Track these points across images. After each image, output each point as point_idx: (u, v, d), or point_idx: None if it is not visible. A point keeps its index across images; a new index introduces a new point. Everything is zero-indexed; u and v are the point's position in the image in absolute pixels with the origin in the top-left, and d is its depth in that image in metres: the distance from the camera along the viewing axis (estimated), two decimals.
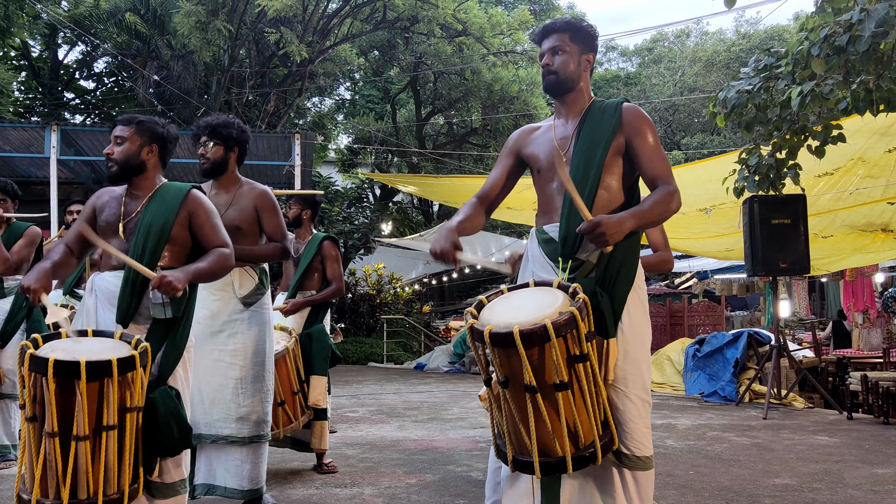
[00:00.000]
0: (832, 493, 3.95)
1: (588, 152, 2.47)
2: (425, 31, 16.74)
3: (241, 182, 3.63)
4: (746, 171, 6.92)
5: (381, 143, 20.37)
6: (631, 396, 2.37)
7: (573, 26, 2.57)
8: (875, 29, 4.80)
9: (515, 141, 2.69)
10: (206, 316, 3.41)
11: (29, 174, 13.39)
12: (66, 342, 2.43)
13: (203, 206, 2.84)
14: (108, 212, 2.83)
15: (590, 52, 2.59)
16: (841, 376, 8.29)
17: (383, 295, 18.77)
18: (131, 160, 2.79)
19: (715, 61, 24.17)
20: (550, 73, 2.55)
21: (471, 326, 2.18)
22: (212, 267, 2.73)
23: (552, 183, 2.55)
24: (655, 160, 2.46)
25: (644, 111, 2.55)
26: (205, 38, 14.47)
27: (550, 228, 2.52)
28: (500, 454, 2.31)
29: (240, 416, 3.42)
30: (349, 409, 7.82)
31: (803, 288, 15.00)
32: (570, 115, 2.59)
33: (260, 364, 3.51)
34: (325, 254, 4.64)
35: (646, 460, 2.36)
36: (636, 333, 2.44)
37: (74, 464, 2.27)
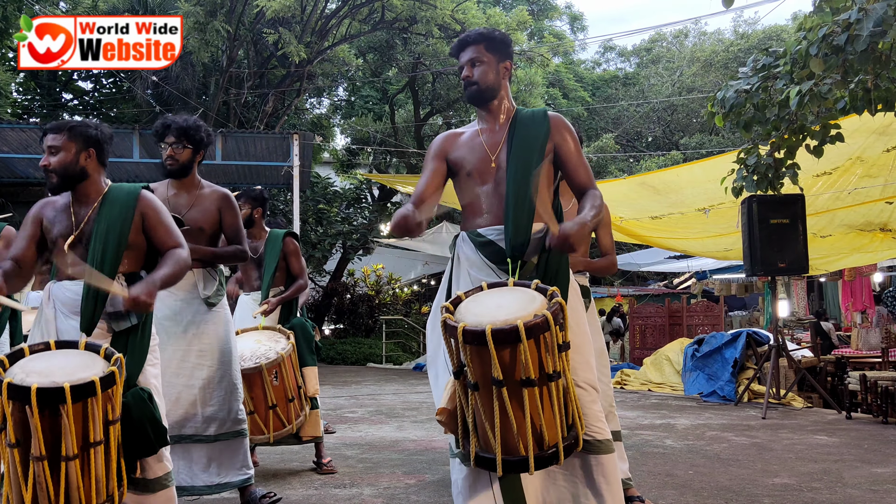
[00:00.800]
0: (831, 492, 3.95)
1: (525, 158, 2.56)
2: (423, 32, 16.73)
3: (202, 183, 3.64)
4: (745, 170, 6.92)
5: (380, 144, 20.37)
6: (581, 384, 2.45)
7: (487, 37, 2.67)
8: (873, 28, 4.80)
9: (441, 146, 2.73)
10: (167, 316, 3.41)
11: (27, 175, 13.40)
12: (35, 361, 2.37)
13: (154, 206, 2.82)
14: (60, 225, 2.75)
15: (506, 59, 2.70)
16: (840, 376, 8.31)
17: (382, 296, 18.78)
18: (70, 169, 2.73)
19: (713, 61, 24.18)
20: (471, 83, 2.65)
21: (444, 321, 2.21)
22: (175, 271, 2.71)
23: (483, 186, 2.61)
24: (583, 168, 2.63)
25: (567, 120, 2.69)
26: (203, 39, 14.46)
27: (489, 231, 2.56)
28: (464, 455, 2.32)
29: (206, 416, 3.44)
30: (348, 409, 7.81)
31: (802, 288, 15.03)
32: (496, 122, 2.68)
33: (227, 363, 3.53)
34: (288, 250, 4.71)
35: (606, 443, 2.43)
36: (578, 325, 2.53)
37: (66, 482, 2.26)
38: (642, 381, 10.28)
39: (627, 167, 22.69)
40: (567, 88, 25.24)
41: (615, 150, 22.54)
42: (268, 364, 4.05)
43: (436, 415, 2.37)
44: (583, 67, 29.59)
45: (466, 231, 2.63)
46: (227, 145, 12.33)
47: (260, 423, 4.11)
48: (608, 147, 21.73)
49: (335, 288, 19.06)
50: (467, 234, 2.62)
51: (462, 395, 2.26)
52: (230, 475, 3.50)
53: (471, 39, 2.67)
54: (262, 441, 4.17)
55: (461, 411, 2.30)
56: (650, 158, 22.26)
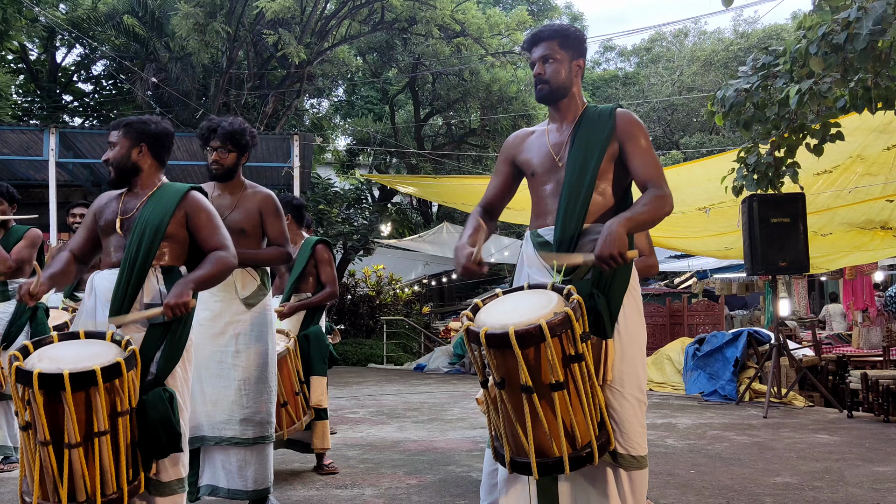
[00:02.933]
0: (833, 491, 3.95)
1: (583, 158, 2.50)
2: (423, 32, 16.74)
3: (245, 185, 3.64)
4: (745, 169, 6.92)
5: (380, 145, 20.37)
6: (627, 396, 2.39)
7: (561, 33, 2.58)
8: (873, 27, 4.80)
9: (510, 147, 2.72)
10: (207, 317, 3.41)
11: (27, 177, 13.40)
12: (55, 349, 2.41)
13: (202, 206, 2.84)
14: (108, 212, 2.85)
15: (580, 57, 2.60)
16: (841, 375, 8.29)
17: (383, 296, 18.76)
18: (123, 162, 2.83)
19: (713, 61, 24.16)
20: (542, 82, 2.57)
21: (467, 328, 2.20)
22: (212, 272, 2.73)
23: (546, 186, 2.57)
24: (648, 164, 2.48)
25: (636, 116, 2.58)
26: (203, 40, 14.47)
27: (545, 231, 2.54)
28: (498, 456, 2.31)
29: (243, 418, 3.42)
30: (349, 410, 7.81)
31: (803, 287, 15.00)
32: (564, 121, 2.62)
33: (263, 365, 3.51)
34: (319, 258, 4.67)
35: (641, 459, 2.38)
36: (632, 334, 2.46)
37: (70, 469, 2.28)
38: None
39: None
40: None
41: None
42: None
43: (477, 402, 2.40)
44: None
45: (530, 230, 2.62)
46: None
47: None
48: None
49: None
50: (530, 233, 2.61)
51: (491, 405, 2.26)
52: (261, 482, 3.46)
53: (544, 35, 2.57)
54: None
55: (490, 418, 2.31)
56: None
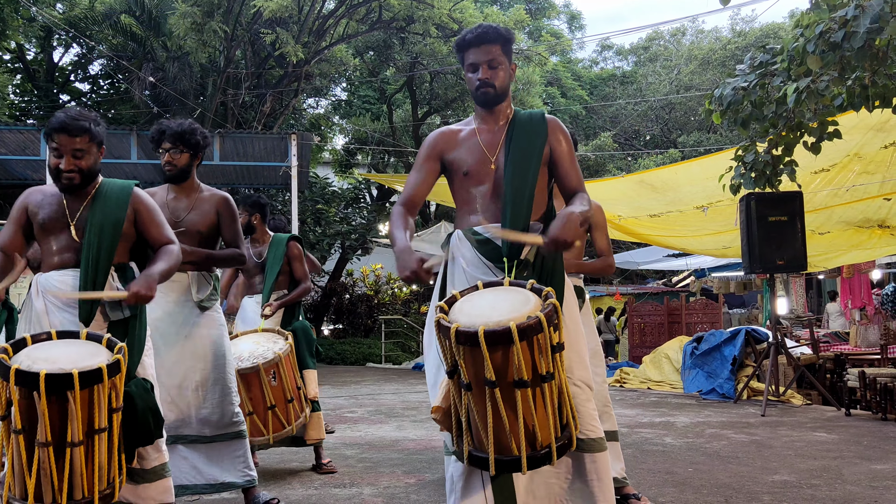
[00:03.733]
0: (831, 489, 3.95)
1: (524, 160, 2.54)
2: (421, 31, 16.73)
3: (201, 187, 3.66)
4: (743, 168, 6.91)
5: (378, 144, 20.37)
6: (577, 382, 2.46)
7: (505, 38, 2.58)
8: (870, 25, 4.80)
9: (437, 144, 2.68)
10: (160, 318, 3.41)
11: (25, 177, 13.40)
12: (40, 350, 2.40)
13: (146, 203, 2.86)
14: (49, 210, 2.76)
15: (511, 61, 2.64)
16: (839, 373, 8.30)
17: (381, 295, 18.78)
18: (94, 169, 2.76)
19: (711, 59, 24.18)
20: (489, 86, 2.56)
21: (437, 321, 2.20)
22: (170, 266, 2.77)
23: (480, 186, 2.59)
24: (575, 171, 2.63)
25: (562, 123, 2.66)
26: (200, 40, 14.45)
27: (483, 230, 2.54)
28: (458, 453, 2.31)
29: (201, 418, 3.45)
30: (348, 409, 7.81)
31: (801, 285, 15.03)
32: (496, 123, 2.64)
33: (220, 366, 3.52)
34: (291, 254, 4.73)
35: (599, 441, 2.43)
36: (574, 323, 2.53)
37: (70, 468, 2.29)
38: (641, 379, 10.28)
39: (625, 165, 22.69)
40: (565, 87, 25.25)
41: (613, 148, 22.54)
42: (265, 364, 4.04)
43: (431, 412, 2.36)
44: (580, 66, 29.61)
45: (462, 230, 2.61)
46: (225, 146, 12.32)
47: (259, 425, 4.10)
48: (606, 145, 21.73)
49: (334, 288, 19.06)
50: (463, 232, 2.60)
51: (456, 394, 2.25)
52: (231, 475, 3.50)
53: (490, 38, 2.55)
54: (261, 442, 4.16)
55: (455, 410, 2.29)
56: (648, 157, 22.28)
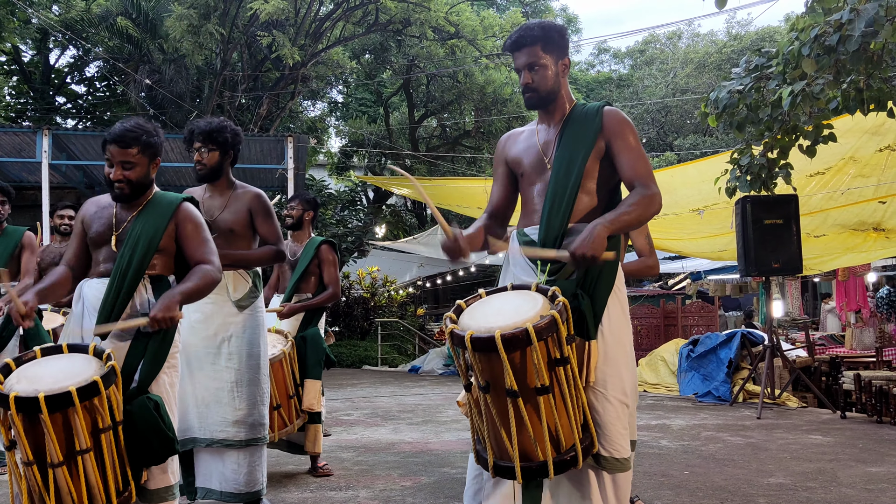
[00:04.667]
0: (826, 491, 3.96)
1: (569, 156, 2.46)
2: (418, 34, 16.75)
3: (235, 185, 3.63)
4: (738, 171, 6.93)
5: (375, 146, 20.37)
6: (610, 399, 2.35)
7: (543, 36, 2.47)
8: (865, 29, 4.82)
9: (502, 147, 2.70)
10: (199, 319, 3.40)
11: (20, 179, 13.34)
12: (35, 367, 2.39)
13: (191, 219, 2.81)
14: (99, 223, 2.77)
15: (564, 55, 2.53)
16: (834, 376, 8.32)
17: (377, 298, 18.72)
18: (144, 181, 2.75)
19: (706, 62, 24.24)
20: (531, 90, 2.50)
21: (451, 331, 2.16)
22: (199, 286, 2.69)
23: (534, 186, 2.55)
24: (635, 162, 2.43)
25: (624, 114, 2.54)
26: (197, 42, 14.43)
27: (531, 230, 2.52)
28: (481, 460, 2.29)
29: (236, 420, 3.41)
30: (344, 412, 7.80)
31: (796, 288, 15.05)
32: (552, 120, 2.59)
33: (255, 367, 3.50)
34: (323, 258, 4.62)
35: (624, 462, 2.35)
36: (616, 336, 2.42)
37: (56, 486, 2.28)
38: (638, 381, 10.27)
39: None
40: None
41: None
42: None
43: (458, 405, 2.37)
44: (577, 69, 29.62)
45: (516, 230, 2.60)
46: None
47: None
48: None
49: None
50: (516, 232, 2.58)
51: (475, 408, 2.24)
52: (253, 485, 3.45)
53: (527, 40, 2.46)
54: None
55: (473, 422, 2.28)
56: None
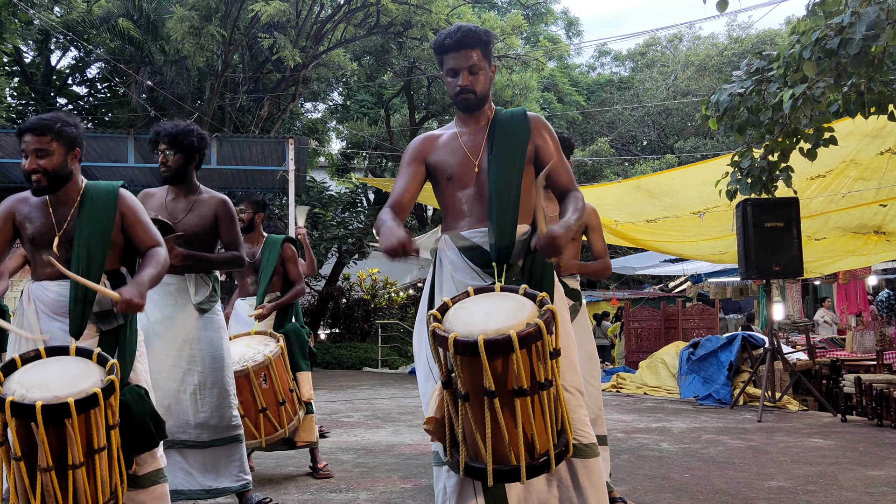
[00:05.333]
0: (826, 495, 3.95)
1: (507, 161, 2.49)
2: (419, 36, 16.75)
3: (200, 189, 3.64)
4: (739, 173, 6.94)
5: (375, 148, 20.38)
6: (568, 388, 2.41)
7: (485, 42, 2.51)
8: (866, 32, 4.83)
9: (420, 148, 2.64)
10: (158, 321, 3.41)
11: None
12: (31, 373, 2.36)
13: (131, 205, 2.79)
14: (38, 223, 2.70)
15: (491, 63, 2.59)
16: (835, 379, 8.31)
17: (378, 300, 18.75)
18: (61, 171, 2.66)
19: (707, 65, 24.25)
20: (469, 92, 2.51)
21: (433, 331, 2.14)
22: (159, 270, 2.70)
23: (465, 190, 2.54)
24: (562, 168, 2.56)
25: (545, 119, 2.61)
26: (198, 44, 14.45)
27: (473, 234, 2.51)
28: (453, 459, 2.27)
29: (198, 423, 3.44)
30: (344, 414, 7.80)
31: (797, 291, 15.05)
32: (476, 125, 2.60)
33: (218, 369, 3.52)
34: (286, 256, 4.71)
35: (591, 447, 2.40)
36: (564, 328, 2.47)
37: (73, 487, 2.29)
38: (638, 384, 10.28)
39: (622, 171, 22.72)
40: (562, 92, 25.28)
41: (610, 153, 22.58)
42: (255, 367, 4.03)
43: (423, 424, 2.31)
44: (578, 71, 29.63)
45: (449, 234, 2.57)
46: (223, 150, 12.30)
47: (251, 428, 4.08)
48: (603, 151, 21.76)
49: (331, 292, 19.04)
50: (450, 237, 2.56)
51: (451, 405, 2.22)
52: (226, 480, 3.49)
53: (470, 43, 2.48)
54: (254, 445, 4.14)
55: (449, 421, 2.26)
56: (645, 162, 22.30)
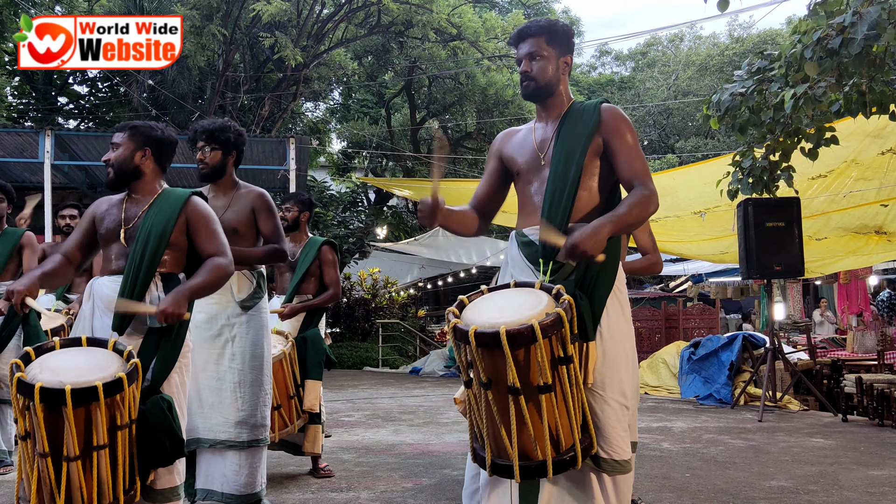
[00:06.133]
0: (827, 495, 3.95)
1: (567, 154, 2.46)
2: (420, 36, 16.76)
3: (239, 185, 3.64)
4: (740, 173, 6.93)
5: (376, 148, 20.39)
6: (609, 401, 2.33)
7: (549, 29, 2.52)
8: (867, 32, 4.82)
9: (498, 144, 2.69)
10: (203, 319, 3.41)
11: (23, 179, 13.36)
12: (56, 358, 2.39)
13: (201, 212, 2.84)
14: (109, 219, 2.82)
15: (567, 53, 2.56)
16: (835, 379, 8.31)
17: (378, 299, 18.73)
18: (125, 165, 2.81)
19: (708, 65, 24.25)
20: (529, 79, 2.53)
21: (454, 326, 2.14)
22: (209, 280, 2.71)
23: (531, 185, 2.54)
24: (633, 161, 2.44)
25: (622, 111, 2.54)
26: (199, 43, 14.47)
27: (530, 231, 2.50)
28: (478, 458, 2.26)
29: (238, 421, 3.41)
30: (345, 413, 7.80)
31: (797, 291, 15.04)
32: (549, 118, 2.59)
33: (258, 368, 3.50)
34: (324, 258, 4.63)
35: (624, 464, 2.32)
36: (615, 337, 2.40)
37: (67, 480, 2.28)
38: (639, 383, 10.26)
39: None
40: None
41: None
42: None
43: (454, 402, 2.33)
44: (579, 71, 29.63)
45: (515, 231, 2.59)
46: None
47: None
48: None
49: None
50: (515, 233, 2.58)
51: (475, 404, 2.21)
52: (252, 486, 3.45)
53: (532, 31, 2.52)
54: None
55: (472, 419, 2.26)
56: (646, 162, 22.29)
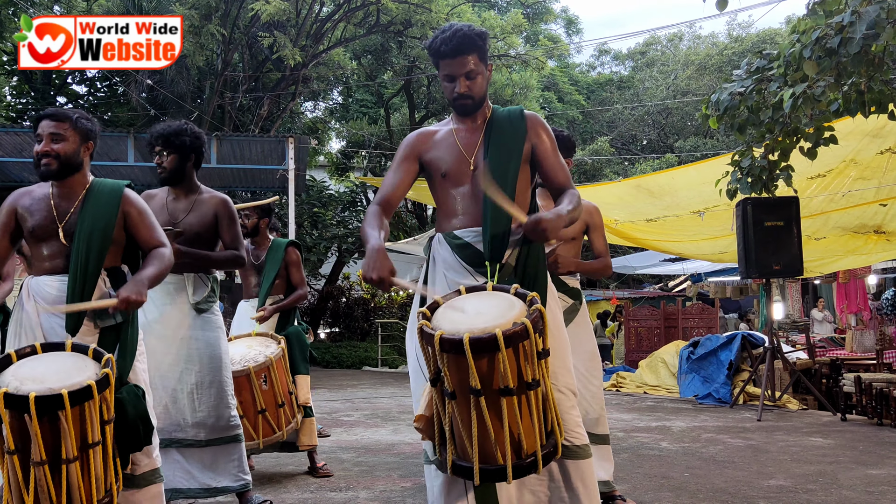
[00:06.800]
0: (826, 494, 3.96)
1: (503, 160, 2.48)
2: (419, 35, 16.74)
3: (200, 189, 3.64)
4: (739, 173, 6.93)
5: (375, 147, 20.38)
6: (562, 389, 2.40)
7: (481, 46, 2.47)
8: (866, 31, 4.82)
9: (415, 144, 2.62)
10: (156, 320, 3.42)
11: (21, 179, 13.36)
12: (26, 367, 2.37)
13: (137, 205, 2.81)
14: (39, 215, 2.72)
15: (488, 63, 2.55)
16: (834, 378, 8.32)
17: (378, 299, 18.75)
18: (73, 158, 2.72)
19: (707, 64, 24.25)
20: (467, 98, 2.49)
21: (420, 328, 2.14)
22: (162, 270, 2.72)
23: (459, 188, 2.53)
24: (558, 167, 2.56)
25: (543, 118, 2.61)
26: (198, 43, 14.45)
27: (466, 233, 2.49)
28: (440, 462, 2.27)
29: (195, 422, 3.44)
30: (344, 413, 7.80)
31: (796, 290, 15.06)
32: (473, 122, 2.58)
33: (216, 369, 3.51)
34: (290, 259, 4.74)
35: (584, 448, 2.39)
36: (557, 329, 2.47)
37: (67, 483, 2.29)
38: (638, 383, 10.29)
39: (622, 170, 22.73)
40: (562, 92, 25.29)
41: (610, 153, 22.59)
42: (256, 367, 4.03)
43: (413, 422, 2.31)
44: (578, 71, 29.64)
45: (442, 233, 2.56)
46: (223, 149, 12.31)
47: (249, 429, 4.06)
48: (603, 150, 21.78)
49: (331, 291, 19.05)
50: (443, 235, 2.55)
51: (439, 402, 2.21)
52: (226, 480, 3.49)
53: (466, 48, 2.43)
54: (251, 447, 4.12)
55: (438, 419, 2.25)
56: (645, 161, 22.30)
